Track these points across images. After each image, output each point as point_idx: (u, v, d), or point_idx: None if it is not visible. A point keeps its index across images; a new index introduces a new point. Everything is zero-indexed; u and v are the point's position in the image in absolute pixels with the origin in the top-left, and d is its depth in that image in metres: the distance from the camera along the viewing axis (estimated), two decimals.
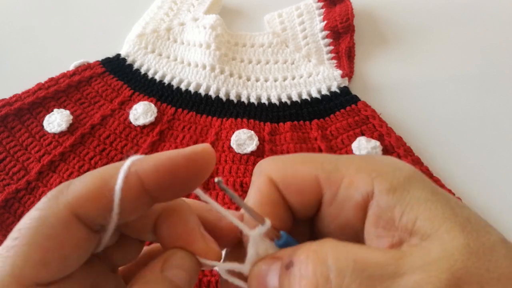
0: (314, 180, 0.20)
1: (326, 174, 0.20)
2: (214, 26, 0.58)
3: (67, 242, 0.18)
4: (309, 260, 0.17)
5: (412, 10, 0.65)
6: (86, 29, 0.63)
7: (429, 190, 0.18)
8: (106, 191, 0.18)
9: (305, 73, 0.57)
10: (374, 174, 0.19)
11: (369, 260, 0.16)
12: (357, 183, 0.19)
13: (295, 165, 0.21)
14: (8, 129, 0.50)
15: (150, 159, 0.19)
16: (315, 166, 0.20)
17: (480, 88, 0.56)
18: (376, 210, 0.18)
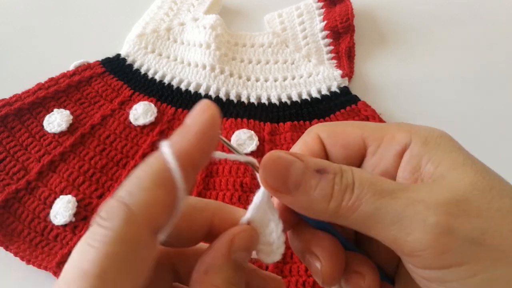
0: (359, 137, 0.23)
1: (371, 131, 0.23)
2: (214, 26, 0.58)
3: (151, 260, 0.18)
4: (341, 172, 0.20)
5: (412, 10, 0.65)
6: (86, 29, 0.63)
7: (457, 146, 0.22)
8: (172, 198, 0.17)
9: (305, 73, 0.57)
10: (412, 131, 0.22)
11: (384, 182, 0.20)
12: (397, 137, 0.22)
13: (343, 126, 0.24)
14: (8, 129, 0.50)
15: (190, 141, 0.18)
16: (360, 127, 0.23)
17: (480, 88, 0.56)
18: (408, 158, 0.22)
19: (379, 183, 0.20)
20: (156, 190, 0.17)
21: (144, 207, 0.17)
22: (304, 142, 0.24)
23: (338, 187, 0.20)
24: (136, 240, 0.17)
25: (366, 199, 0.19)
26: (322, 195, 0.20)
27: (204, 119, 0.19)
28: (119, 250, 0.16)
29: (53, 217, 0.44)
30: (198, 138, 0.18)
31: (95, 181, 0.47)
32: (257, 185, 0.22)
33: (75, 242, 0.43)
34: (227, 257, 0.20)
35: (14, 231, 0.44)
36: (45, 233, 0.44)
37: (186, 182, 0.17)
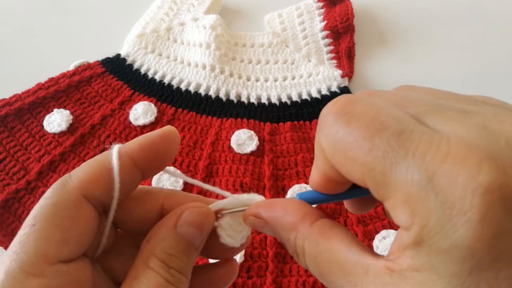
0: (361, 179, 0.18)
1: (373, 184, 0.17)
2: (214, 26, 0.58)
3: (81, 220, 0.21)
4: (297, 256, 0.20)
5: (412, 10, 0.65)
6: (86, 29, 0.63)
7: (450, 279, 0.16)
8: (105, 172, 0.21)
9: (305, 73, 0.57)
10: (416, 220, 0.16)
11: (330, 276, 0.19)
12: (398, 215, 0.17)
13: (347, 148, 0.18)
14: (8, 129, 0.50)
15: (134, 142, 0.22)
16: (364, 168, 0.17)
17: (480, 88, 0.56)
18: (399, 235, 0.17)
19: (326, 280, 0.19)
20: (93, 164, 0.22)
21: (78, 175, 0.21)
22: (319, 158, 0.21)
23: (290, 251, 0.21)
24: (65, 199, 0.21)
25: None
26: None
27: (157, 131, 0.23)
28: (48, 204, 0.20)
29: None
30: (143, 141, 0.22)
31: None
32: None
33: None
34: (171, 229, 0.21)
35: (14, 231, 0.44)
36: None
37: (124, 166, 0.21)
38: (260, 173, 0.48)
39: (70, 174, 0.22)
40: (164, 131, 0.23)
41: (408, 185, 0.16)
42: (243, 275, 0.41)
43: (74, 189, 0.21)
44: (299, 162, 0.48)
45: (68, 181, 0.21)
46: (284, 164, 0.48)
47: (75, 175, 0.21)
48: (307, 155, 0.49)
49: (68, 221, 0.20)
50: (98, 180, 0.21)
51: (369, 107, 0.18)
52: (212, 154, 0.49)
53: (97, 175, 0.21)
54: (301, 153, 0.49)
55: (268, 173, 0.47)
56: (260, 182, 0.47)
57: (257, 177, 0.47)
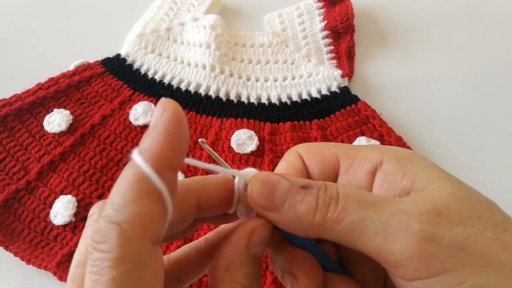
0: (333, 154, 0.24)
1: (344, 151, 0.24)
2: (214, 26, 0.58)
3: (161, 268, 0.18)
4: (325, 187, 0.21)
5: (412, 10, 0.65)
6: (86, 29, 0.63)
7: (430, 162, 0.22)
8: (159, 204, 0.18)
9: (305, 73, 0.57)
10: (384, 151, 0.23)
11: (368, 194, 0.21)
12: (370, 155, 0.23)
13: (319, 144, 0.26)
14: (8, 129, 0.50)
15: (152, 143, 0.18)
16: (335, 146, 0.25)
17: (480, 88, 0.56)
18: (382, 175, 0.22)
19: (363, 195, 0.21)
20: (140, 201, 0.17)
21: (134, 221, 0.17)
22: (286, 161, 0.25)
23: (322, 199, 0.21)
24: (138, 256, 0.16)
25: (351, 210, 0.20)
26: (307, 209, 0.21)
27: (166, 117, 0.18)
28: (124, 270, 0.16)
29: (53, 217, 0.44)
30: (166, 138, 0.18)
31: (95, 181, 0.47)
32: None
33: (75, 242, 0.43)
34: (246, 252, 0.21)
35: (14, 231, 0.44)
36: (45, 233, 0.44)
37: (167, 184, 0.18)
38: None
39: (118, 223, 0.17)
40: (173, 114, 0.19)
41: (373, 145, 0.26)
42: None
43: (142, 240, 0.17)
44: None
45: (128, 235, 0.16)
46: None
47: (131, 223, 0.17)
48: None
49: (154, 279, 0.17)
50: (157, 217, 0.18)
51: None
52: None
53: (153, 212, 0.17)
54: None
55: None
56: None
57: None
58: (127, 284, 0.16)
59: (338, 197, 0.20)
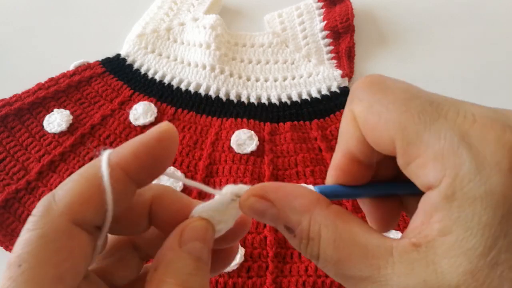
0: (390, 139, 0.19)
1: (404, 143, 0.18)
2: (214, 26, 0.58)
3: (74, 251, 0.18)
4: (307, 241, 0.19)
5: (412, 10, 0.65)
6: (86, 29, 0.63)
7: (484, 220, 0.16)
8: (95, 190, 0.18)
9: (305, 73, 0.57)
10: (448, 170, 0.17)
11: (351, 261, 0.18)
12: (428, 170, 0.18)
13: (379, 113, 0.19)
14: (8, 129, 0.50)
15: (126, 148, 0.19)
16: (397, 127, 0.18)
17: (480, 88, 0.56)
18: (426, 205, 0.18)
19: (344, 265, 0.18)
20: (80, 181, 0.18)
21: (64, 197, 0.18)
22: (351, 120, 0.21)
23: (304, 251, 0.20)
24: (52, 229, 0.17)
25: (331, 274, 0.19)
26: (294, 244, 0.20)
27: (152, 132, 0.19)
28: (33, 239, 0.17)
29: None
30: (137, 148, 0.19)
31: None
32: None
33: None
34: (178, 249, 0.20)
35: (14, 231, 0.44)
36: None
37: (116, 182, 0.18)
38: (260, 173, 0.48)
39: (53, 194, 0.18)
40: (160, 131, 0.19)
41: (441, 141, 0.17)
42: (243, 275, 0.41)
43: (61, 215, 0.18)
44: (299, 162, 0.48)
45: (53, 206, 0.18)
46: (284, 164, 0.48)
47: (60, 197, 0.18)
48: (307, 155, 0.48)
49: (59, 255, 0.17)
50: (88, 201, 0.18)
51: (399, 82, 0.20)
52: (212, 154, 0.49)
53: (86, 195, 0.18)
54: (301, 153, 0.49)
55: (268, 173, 0.47)
56: (260, 182, 0.47)
57: (257, 177, 0.47)
58: (34, 248, 0.17)
59: (318, 258, 0.19)
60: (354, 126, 0.20)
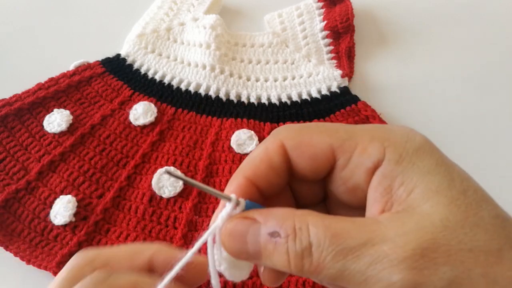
0: (328, 147, 0.21)
1: (340, 142, 0.21)
2: (214, 26, 0.58)
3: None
4: (294, 234, 0.19)
5: (412, 10, 0.65)
6: (86, 29, 0.63)
7: (434, 162, 0.20)
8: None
9: (305, 73, 0.57)
10: (386, 143, 0.20)
11: (344, 234, 0.18)
12: (369, 150, 0.20)
13: (311, 133, 0.22)
14: (8, 129, 0.50)
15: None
16: (329, 135, 0.22)
17: (480, 88, 0.56)
18: (380, 178, 0.20)
19: (340, 238, 0.18)
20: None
21: None
22: (266, 151, 0.23)
23: (293, 252, 0.19)
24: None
25: (327, 262, 0.18)
26: (281, 261, 0.19)
27: None
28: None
29: (53, 217, 0.44)
30: None
31: (95, 181, 0.47)
32: None
33: (75, 242, 0.43)
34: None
35: (14, 231, 0.44)
36: (45, 233, 0.44)
37: None
38: None
39: None
40: None
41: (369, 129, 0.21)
42: None
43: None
44: None
45: None
46: None
47: None
48: None
49: None
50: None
51: None
52: (212, 154, 0.49)
53: None
54: None
55: None
56: None
57: None
58: None
59: (311, 247, 0.18)
60: (278, 153, 0.22)
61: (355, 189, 0.22)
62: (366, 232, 0.18)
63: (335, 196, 0.23)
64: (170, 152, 0.49)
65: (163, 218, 0.45)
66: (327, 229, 0.19)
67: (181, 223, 0.44)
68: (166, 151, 0.49)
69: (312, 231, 0.19)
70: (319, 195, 0.25)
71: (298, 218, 0.19)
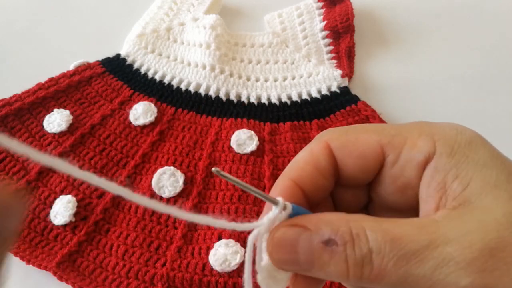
0: (376, 144, 0.21)
1: (389, 138, 0.21)
2: (214, 26, 0.58)
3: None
4: (352, 241, 0.18)
5: (412, 10, 0.65)
6: (86, 29, 0.63)
7: (489, 155, 0.19)
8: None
9: (305, 73, 0.57)
10: (436, 137, 0.20)
11: (404, 237, 0.17)
12: (420, 145, 0.20)
13: (356, 133, 0.22)
14: (8, 129, 0.50)
15: None
16: (377, 133, 0.21)
17: (480, 88, 0.56)
18: (432, 171, 0.19)
19: (400, 242, 0.17)
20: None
21: None
22: (311, 153, 0.22)
23: (352, 260, 0.18)
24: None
25: (389, 269, 0.17)
26: (338, 271, 0.18)
27: None
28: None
29: (53, 217, 0.44)
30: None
31: None
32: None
33: (75, 242, 0.43)
34: None
35: None
36: (45, 233, 0.44)
37: None
38: (260, 173, 0.48)
39: None
40: None
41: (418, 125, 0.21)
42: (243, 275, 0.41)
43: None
44: None
45: None
46: (284, 164, 0.48)
47: None
48: None
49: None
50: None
51: None
52: (212, 154, 0.49)
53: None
54: None
55: (268, 173, 0.47)
56: (260, 182, 0.47)
57: (257, 177, 0.47)
58: None
59: (371, 255, 0.17)
60: (325, 154, 0.22)
61: (405, 188, 0.21)
62: (427, 234, 0.17)
63: (382, 199, 0.22)
64: (170, 152, 0.49)
65: (163, 218, 0.45)
66: (385, 233, 0.18)
67: (181, 223, 0.44)
68: (166, 151, 0.49)
69: (370, 237, 0.18)
70: (362, 201, 0.24)
71: (354, 224, 0.18)
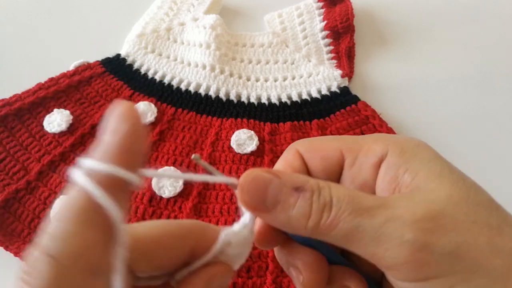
0: (337, 149, 0.24)
1: (348, 145, 0.24)
2: (214, 26, 0.58)
3: None
4: (319, 190, 0.21)
5: (412, 10, 0.65)
6: (86, 29, 0.63)
7: (434, 155, 0.22)
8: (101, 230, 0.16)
9: (305, 73, 0.57)
10: (389, 142, 0.23)
11: (362, 198, 0.20)
12: (374, 148, 0.23)
13: (321, 141, 0.25)
14: (8, 129, 0.50)
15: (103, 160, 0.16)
16: (338, 140, 0.25)
17: (480, 88, 0.56)
18: (385, 168, 0.22)
19: (357, 199, 0.20)
20: (84, 231, 0.15)
21: (72, 254, 0.15)
22: (285, 159, 0.25)
23: (316, 205, 0.20)
24: None
25: (344, 217, 0.20)
26: (300, 213, 0.21)
27: (125, 131, 0.16)
28: None
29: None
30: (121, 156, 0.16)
31: None
32: None
33: None
34: None
35: (14, 231, 0.44)
36: None
37: (119, 206, 0.16)
38: None
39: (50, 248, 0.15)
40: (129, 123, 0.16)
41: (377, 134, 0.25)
42: (243, 275, 0.41)
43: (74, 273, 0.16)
44: None
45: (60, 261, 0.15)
46: None
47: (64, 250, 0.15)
48: None
49: None
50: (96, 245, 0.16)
51: None
52: (212, 154, 0.49)
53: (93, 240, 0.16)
54: None
55: None
56: None
57: None
58: None
59: (331, 203, 0.20)
60: (296, 157, 0.24)
61: (363, 187, 0.23)
62: (381, 199, 0.20)
63: None
64: (170, 152, 0.49)
65: (163, 218, 0.45)
66: (347, 192, 0.21)
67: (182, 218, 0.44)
68: (166, 151, 0.49)
69: (333, 191, 0.21)
70: None
71: (321, 182, 0.21)
